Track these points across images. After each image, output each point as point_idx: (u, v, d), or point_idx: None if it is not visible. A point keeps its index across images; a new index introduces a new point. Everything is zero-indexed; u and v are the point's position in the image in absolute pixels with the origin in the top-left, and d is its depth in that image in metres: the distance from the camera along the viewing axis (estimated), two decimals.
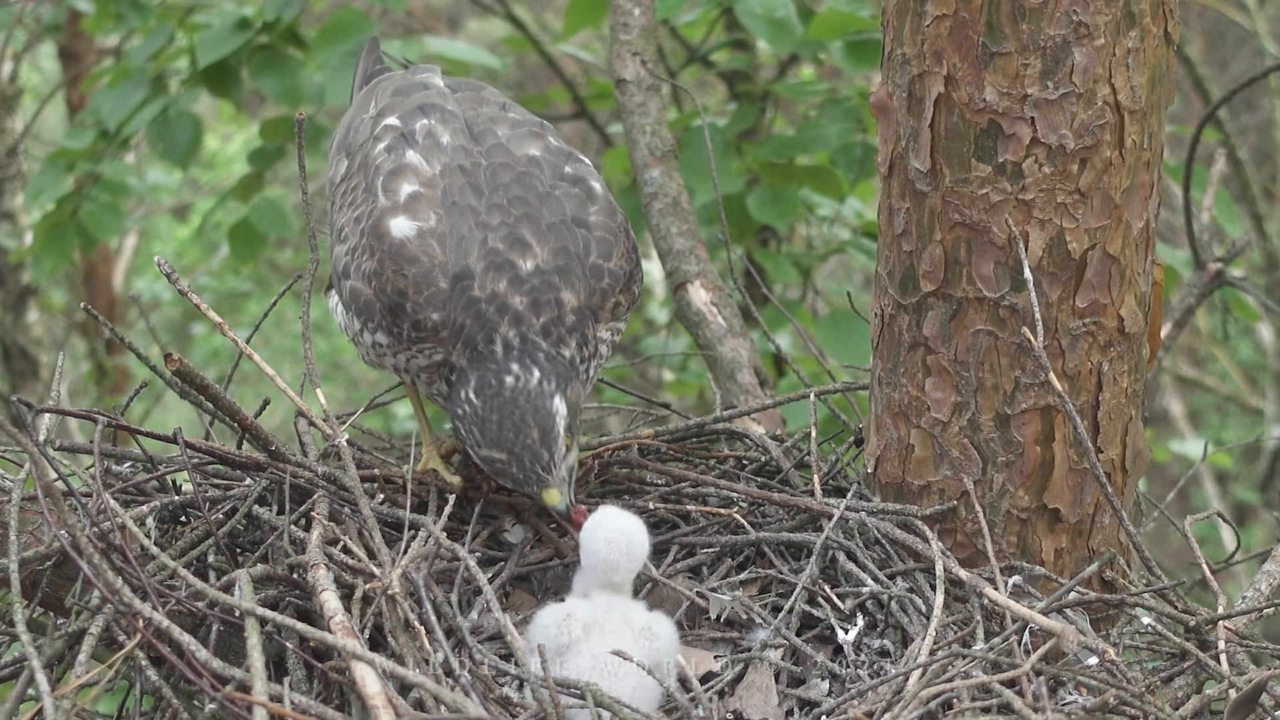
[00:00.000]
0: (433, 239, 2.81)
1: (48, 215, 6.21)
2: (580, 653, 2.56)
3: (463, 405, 2.73)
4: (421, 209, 2.83)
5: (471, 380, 2.73)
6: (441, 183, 2.87)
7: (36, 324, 8.47)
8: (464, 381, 2.74)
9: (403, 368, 2.88)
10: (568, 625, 2.58)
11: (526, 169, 2.91)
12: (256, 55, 5.75)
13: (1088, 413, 2.85)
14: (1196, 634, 2.75)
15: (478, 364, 2.74)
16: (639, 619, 2.63)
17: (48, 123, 11.97)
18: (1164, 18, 2.77)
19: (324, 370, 12.14)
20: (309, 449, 3.05)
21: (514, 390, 2.72)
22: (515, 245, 2.80)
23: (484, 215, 2.83)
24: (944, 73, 2.76)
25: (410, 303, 2.78)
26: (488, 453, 2.72)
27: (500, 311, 2.75)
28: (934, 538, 2.83)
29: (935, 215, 2.81)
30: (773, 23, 5.28)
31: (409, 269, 2.79)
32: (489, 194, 2.86)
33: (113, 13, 6.39)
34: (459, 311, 2.76)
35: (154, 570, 2.60)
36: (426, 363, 2.83)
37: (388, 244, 2.82)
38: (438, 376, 2.82)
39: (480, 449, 2.73)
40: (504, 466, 2.73)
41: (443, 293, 2.78)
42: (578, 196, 2.90)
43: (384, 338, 2.86)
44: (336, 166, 3.10)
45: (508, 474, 2.73)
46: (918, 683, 2.50)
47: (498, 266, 2.78)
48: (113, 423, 2.93)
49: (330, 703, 2.49)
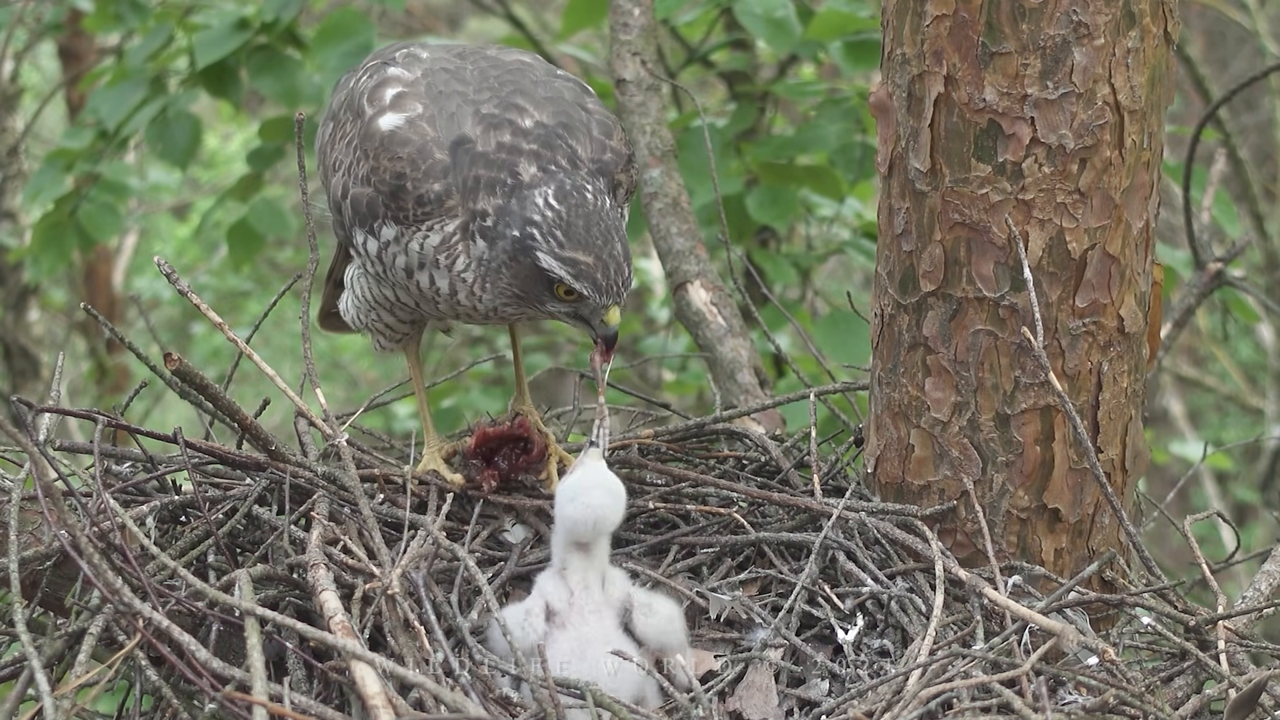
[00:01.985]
0: (422, 121, 2.82)
1: (46, 215, 6.20)
2: (556, 640, 2.56)
3: (541, 212, 2.68)
4: (407, 103, 2.85)
5: (548, 189, 2.70)
6: (425, 81, 2.88)
7: (37, 323, 8.47)
8: (534, 195, 2.69)
9: (416, 262, 2.81)
10: (531, 623, 2.58)
11: (518, 67, 2.93)
12: (255, 55, 5.75)
13: (1088, 413, 2.85)
14: (1196, 634, 2.75)
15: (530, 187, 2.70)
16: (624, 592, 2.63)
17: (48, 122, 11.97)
18: (1164, 17, 2.77)
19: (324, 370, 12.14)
20: (309, 449, 3.05)
21: (595, 205, 2.70)
22: (510, 108, 2.81)
23: (473, 96, 2.84)
24: (944, 73, 2.76)
25: (409, 180, 2.78)
26: (572, 254, 2.68)
27: (513, 154, 2.75)
28: (934, 538, 2.83)
29: (935, 215, 2.81)
30: (772, 23, 5.28)
31: (402, 150, 2.80)
32: (477, 84, 2.87)
33: (112, 13, 6.39)
34: (467, 169, 2.75)
35: (154, 570, 2.60)
36: (439, 239, 2.78)
37: (378, 139, 2.82)
38: (462, 242, 2.76)
39: (563, 251, 2.68)
40: (589, 269, 2.68)
41: (441, 163, 2.77)
42: (573, 88, 2.93)
43: (390, 230, 2.83)
44: (322, 132, 3.11)
45: (590, 278, 2.68)
46: (918, 683, 2.50)
47: (496, 125, 2.78)
48: (113, 422, 2.93)
49: (330, 703, 2.49)
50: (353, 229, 2.92)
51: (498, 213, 2.72)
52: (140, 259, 11.30)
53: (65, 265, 6.56)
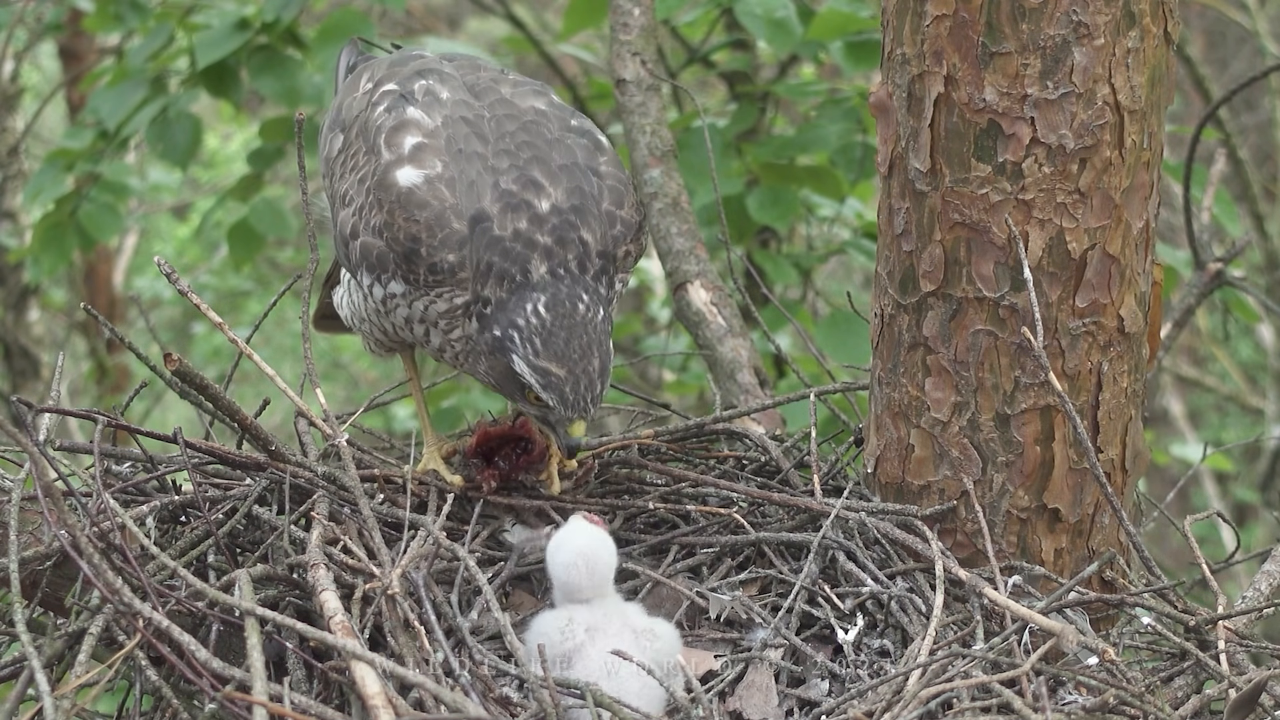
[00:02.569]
0: (441, 184, 2.80)
1: (47, 215, 6.20)
2: (586, 656, 2.56)
3: (527, 318, 2.72)
4: (427, 158, 2.83)
5: (542, 297, 2.73)
6: (445, 132, 2.86)
7: (37, 323, 8.46)
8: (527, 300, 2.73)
9: (417, 318, 2.85)
10: (571, 630, 2.58)
11: (533, 119, 2.91)
12: (256, 56, 5.75)
13: (1088, 413, 2.85)
14: (1196, 634, 2.75)
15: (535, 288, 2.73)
16: (639, 622, 2.63)
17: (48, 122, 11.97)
18: (1164, 17, 2.77)
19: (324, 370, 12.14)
20: (309, 449, 3.05)
21: (584, 317, 2.73)
22: (528, 186, 2.80)
23: (492, 160, 2.83)
24: (944, 73, 2.76)
25: (425, 246, 2.78)
26: (545, 364, 2.72)
27: (529, 247, 2.75)
28: (934, 538, 2.83)
29: (935, 215, 2.81)
30: (773, 23, 5.28)
31: (420, 213, 2.79)
32: (495, 141, 2.86)
33: (112, 13, 6.38)
34: (483, 251, 2.75)
35: (154, 570, 2.60)
36: (446, 306, 2.80)
37: (395, 193, 2.81)
38: (464, 316, 2.79)
39: (536, 359, 2.72)
40: (558, 382, 2.72)
41: (457, 234, 2.77)
42: (586, 146, 2.91)
43: (399, 286, 2.84)
44: (331, 144, 3.09)
45: (558, 390, 2.73)
46: (918, 683, 2.50)
47: (514, 207, 2.78)
48: (113, 423, 2.93)
49: (330, 703, 2.49)
50: (359, 269, 2.91)
51: (497, 305, 2.75)
52: (140, 259, 11.30)
53: (65, 265, 6.55)
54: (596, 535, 2.68)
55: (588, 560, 2.64)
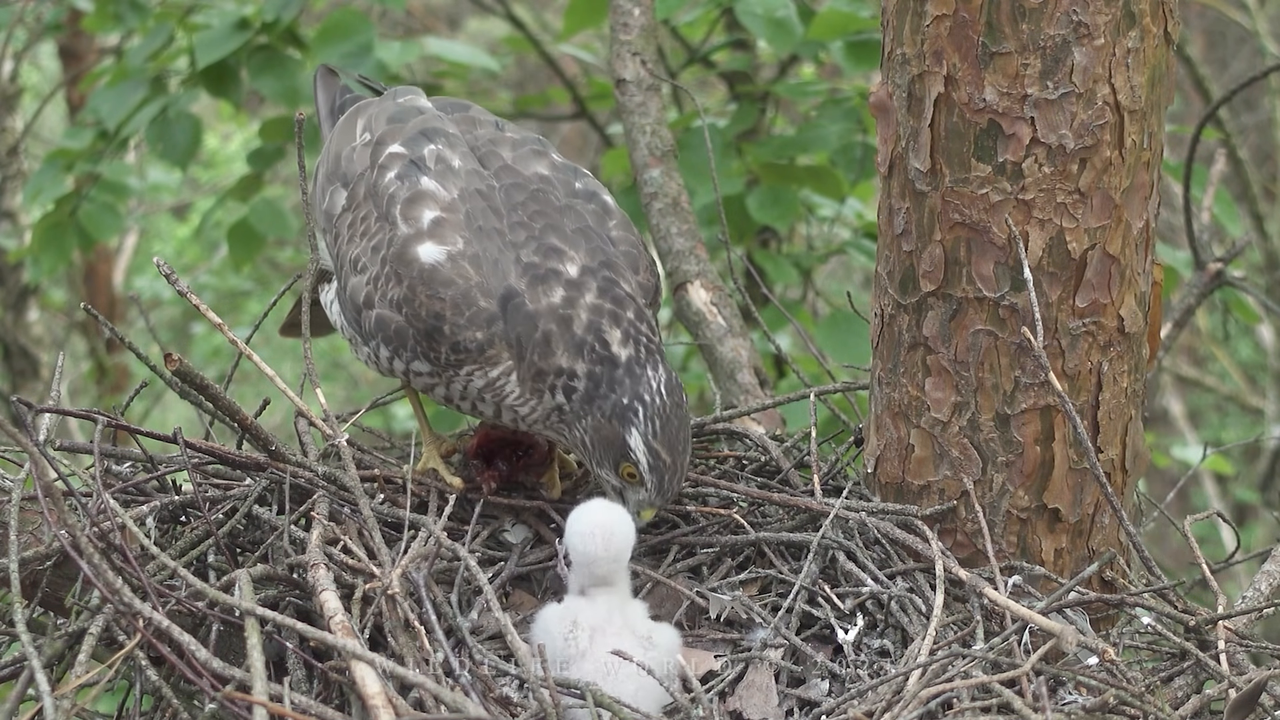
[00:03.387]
0: (464, 261, 2.78)
1: (46, 215, 6.20)
2: (587, 658, 2.56)
3: (654, 395, 2.71)
4: (447, 234, 2.81)
5: (663, 376, 2.72)
6: (463, 207, 2.84)
7: (36, 323, 8.46)
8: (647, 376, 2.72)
9: (458, 395, 2.84)
10: (575, 636, 2.58)
11: (539, 186, 2.90)
12: (256, 56, 5.75)
13: (1088, 413, 2.85)
14: (1196, 634, 2.75)
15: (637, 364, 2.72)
16: (641, 626, 2.63)
17: (48, 122, 11.97)
18: (1164, 17, 2.77)
19: (324, 369, 12.14)
20: (309, 449, 3.05)
21: (685, 409, 2.76)
22: (550, 254, 2.79)
23: (509, 235, 2.81)
24: (944, 73, 2.76)
25: (449, 324, 2.76)
26: (659, 447, 2.72)
27: (595, 313, 2.74)
28: (934, 538, 2.83)
29: (935, 215, 2.81)
30: (773, 23, 5.28)
31: (444, 291, 2.76)
32: (508, 214, 2.84)
33: (111, 13, 6.38)
34: (522, 324, 2.73)
35: (154, 570, 2.60)
36: (484, 382, 2.79)
37: (417, 270, 2.78)
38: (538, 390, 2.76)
39: (654, 440, 2.71)
40: (663, 467, 2.73)
41: (485, 311, 2.75)
42: (595, 212, 2.90)
43: (422, 365, 2.83)
44: (332, 198, 3.05)
45: (659, 474, 2.73)
46: (918, 683, 2.50)
47: (541, 278, 2.76)
48: (113, 423, 2.93)
49: (330, 703, 2.49)
50: (373, 339, 2.88)
51: (590, 377, 2.72)
52: (140, 259, 11.30)
53: (65, 265, 6.55)
54: (617, 511, 2.68)
55: (605, 531, 2.64)
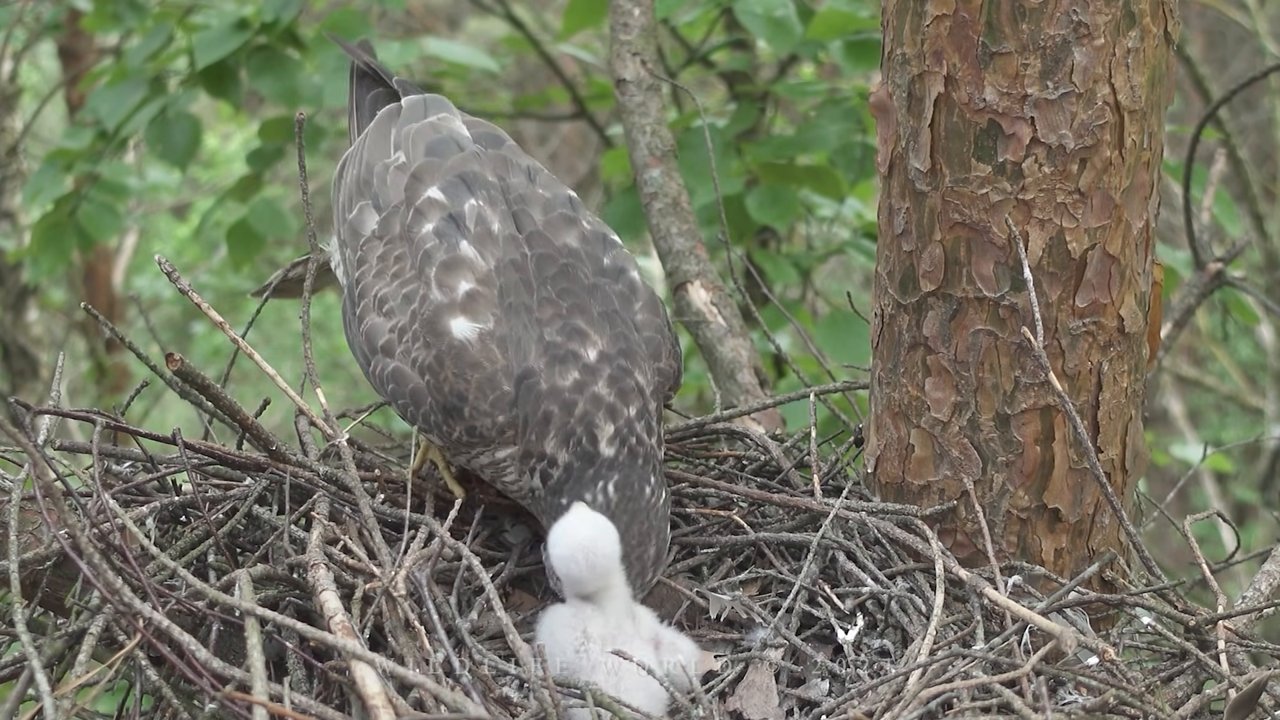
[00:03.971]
0: (492, 342, 2.78)
1: (46, 215, 6.20)
2: (596, 669, 2.55)
3: (595, 495, 2.72)
4: (480, 309, 2.80)
5: (615, 476, 2.73)
6: (498, 281, 2.83)
7: (36, 323, 8.46)
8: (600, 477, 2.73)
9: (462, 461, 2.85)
10: (587, 650, 2.57)
11: (569, 260, 2.88)
12: (255, 56, 5.75)
13: (1088, 413, 2.85)
14: (1196, 634, 2.75)
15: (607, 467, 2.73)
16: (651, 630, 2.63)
17: (48, 122, 11.97)
18: (1164, 17, 2.77)
19: (324, 369, 12.13)
20: (309, 448, 3.05)
21: (648, 502, 2.74)
22: (574, 335, 2.78)
23: (537, 312, 2.81)
24: (944, 73, 2.76)
25: (470, 407, 2.75)
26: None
27: (594, 404, 2.74)
28: (934, 538, 2.83)
29: (935, 215, 2.81)
30: (772, 22, 5.28)
31: (471, 374, 2.76)
32: (538, 288, 2.83)
33: (110, 13, 6.38)
34: (530, 404, 2.74)
35: (154, 570, 2.60)
36: (490, 460, 2.80)
37: (447, 343, 2.78)
38: (518, 466, 2.78)
39: None
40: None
41: (507, 396, 2.75)
42: (621, 293, 2.89)
43: (436, 438, 2.84)
44: (360, 214, 3.03)
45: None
46: (918, 683, 2.50)
47: (561, 359, 2.75)
48: (112, 423, 2.93)
49: (330, 703, 2.48)
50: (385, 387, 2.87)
51: (566, 470, 2.74)
52: (140, 259, 11.30)
53: (65, 266, 6.56)
54: (598, 525, 2.66)
55: (586, 553, 2.62)
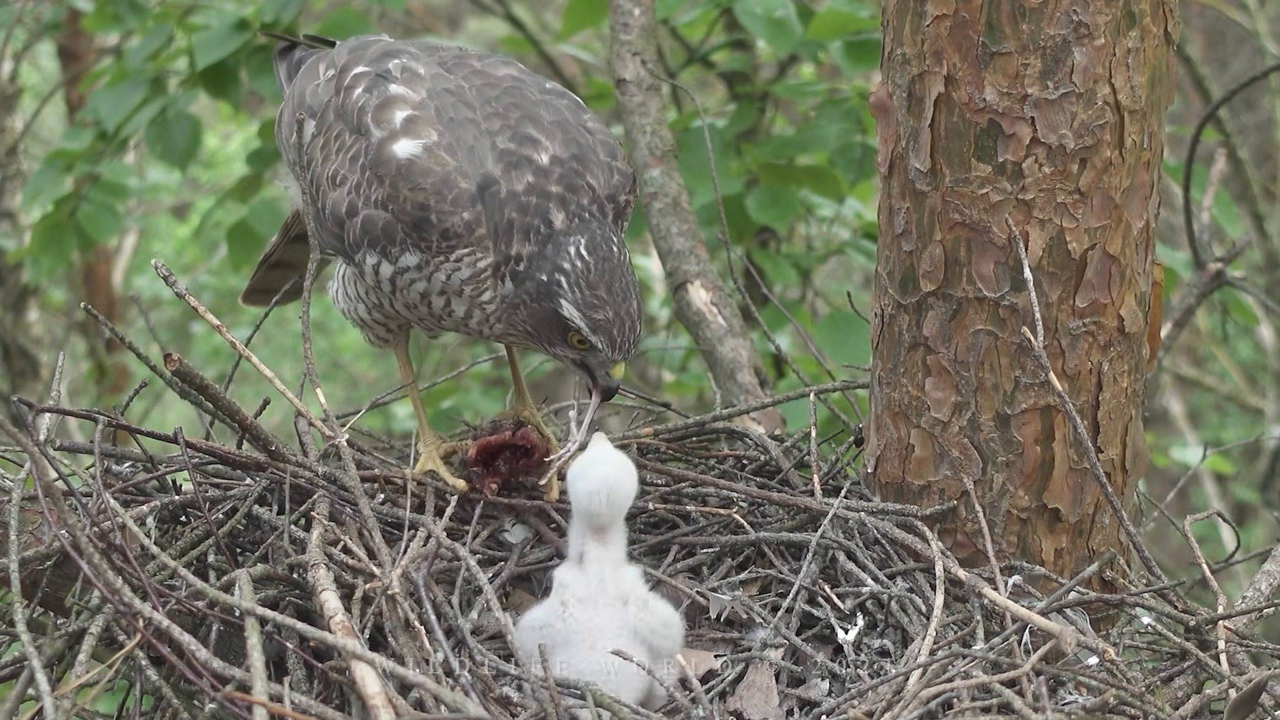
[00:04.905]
0: (440, 150, 2.82)
1: (46, 216, 6.20)
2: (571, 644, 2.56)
3: (572, 261, 2.74)
4: (421, 129, 2.84)
5: (582, 239, 2.75)
6: (432, 104, 2.88)
7: (36, 323, 8.46)
8: (567, 244, 2.74)
9: (437, 289, 2.85)
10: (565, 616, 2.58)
11: (512, 84, 2.94)
12: (255, 56, 5.74)
13: (1088, 413, 2.85)
14: (1196, 634, 2.75)
15: (569, 234, 2.75)
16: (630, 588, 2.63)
17: (47, 122, 11.97)
18: (1164, 17, 2.77)
19: (324, 370, 12.14)
20: (309, 449, 3.05)
21: (619, 260, 2.76)
22: (525, 142, 2.82)
23: (484, 124, 2.85)
24: (944, 73, 2.76)
25: (434, 212, 2.79)
26: (594, 306, 2.74)
27: (543, 197, 2.77)
28: (934, 538, 2.83)
29: (935, 215, 2.81)
30: (772, 23, 5.28)
31: (424, 180, 2.80)
32: (481, 106, 2.88)
33: (110, 13, 6.38)
34: (496, 212, 2.77)
35: (154, 570, 2.59)
36: (470, 272, 2.81)
37: (395, 166, 2.82)
38: (493, 278, 2.80)
39: (585, 302, 2.74)
40: (606, 323, 2.75)
41: (467, 193, 2.78)
42: (570, 105, 2.94)
43: (412, 258, 2.84)
44: (302, 131, 3.07)
45: (606, 332, 2.75)
46: (918, 683, 2.50)
47: (515, 164, 2.80)
48: (113, 422, 2.93)
49: (330, 703, 2.48)
50: (359, 249, 2.91)
51: (530, 259, 2.77)
52: (140, 259, 11.29)
53: (65, 266, 6.55)
54: (620, 463, 2.69)
55: (610, 488, 2.65)
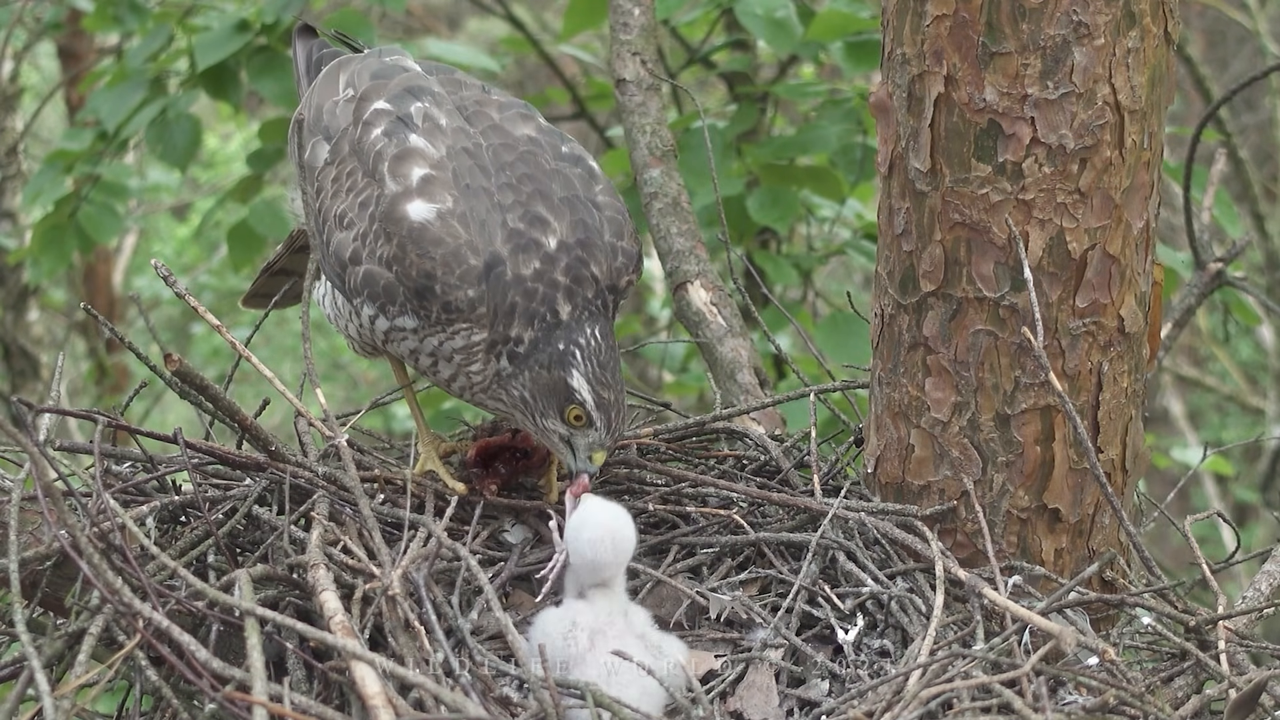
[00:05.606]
0: (454, 220, 2.81)
1: (46, 217, 6.20)
2: (587, 662, 2.55)
3: (588, 339, 2.79)
4: (436, 191, 2.84)
5: (598, 325, 2.80)
6: (450, 165, 2.87)
7: (36, 323, 8.46)
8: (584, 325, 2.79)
9: (427, 351, 2.86)
10: (574, 636, 2.57)
11: (528, 148, 2.93)
12: (255, 57, 5.74)
13: (1088, 413, 2.85)
14: (1196, 634, 2.75)
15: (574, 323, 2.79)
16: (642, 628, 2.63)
17: (48, 122, 11.97)
18: (1164, 17, 2.77)
19: (324, 370, 12.14)
20: (309, 449, 3.05)
21: (614, 349, 2.82)
22: (535, 223, 2.82)
23: (497, 196, 2.85)
24: (944, 73, 2.76)
25: (440, 284, 2.78)
26: (600, 385, 2.78)
27: (551, 287, 2.79)
28: (934, 538, 2.83)
29: (935, 215, 2.81)
30: (773, 23, 5.28)
31: (435, 250, 2.79)
32: (496, 174, 2.88)
33: (111, 13, 6.38)
34: (499, 293, 2.78)
35: (154, 570, 2.59)
36: (463, 343, 2.82)
37: (406, 228, 2.81)
38: (486, 354, 2.82)
39: (594, 379, 2.78)
40: (607, 405, 2.79)
41: (474, 270, 2.78)
42: (582, 176, 2.93)
43: (409, 321, 2.85)
44: (314, 150, 3.05)
45: (606, 412, 2.79)
46: (918, 683, 2.50)
47: (524, 247, 2.80)
48: (113, 423, 2.93)
49: (330, 703, 2.48)
50: (358, 296, 2.91)
51: (532, 342, 2.80)
52: (140, 259, 11.30)
53: (65, 267, 6.55)
54: (617, 511, 2.69)
55: (613, 536, 2.65)
